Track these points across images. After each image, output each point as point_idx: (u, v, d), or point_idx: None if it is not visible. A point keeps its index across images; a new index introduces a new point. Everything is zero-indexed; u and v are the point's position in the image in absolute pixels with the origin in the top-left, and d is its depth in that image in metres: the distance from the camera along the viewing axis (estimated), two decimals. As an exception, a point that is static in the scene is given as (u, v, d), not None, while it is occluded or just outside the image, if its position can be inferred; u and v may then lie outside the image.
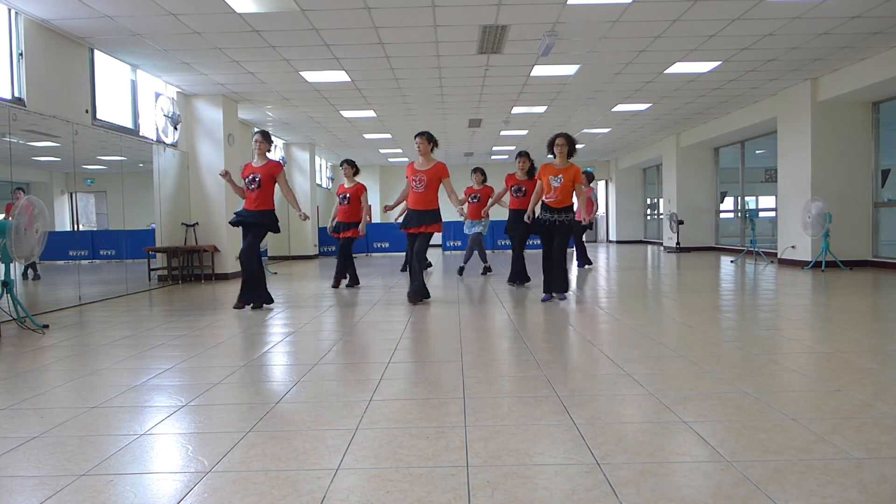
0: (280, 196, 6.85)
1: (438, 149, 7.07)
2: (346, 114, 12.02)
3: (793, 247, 10.49)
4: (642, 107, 11.99)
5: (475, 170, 9.72)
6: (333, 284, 8.32)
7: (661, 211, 18.32)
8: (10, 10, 6.13)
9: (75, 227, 8.83)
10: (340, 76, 9.04)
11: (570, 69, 8.96)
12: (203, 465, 2.26)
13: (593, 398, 3.01)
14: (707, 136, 14.20)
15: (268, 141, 6.38)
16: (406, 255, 9.51)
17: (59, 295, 7.52)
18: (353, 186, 8.31)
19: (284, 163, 15.25)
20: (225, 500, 1.98)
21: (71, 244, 8.75)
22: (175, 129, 9.51)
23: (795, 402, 2.89)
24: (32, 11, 6.26)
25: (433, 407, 2.91)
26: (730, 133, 13.35)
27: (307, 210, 15.39)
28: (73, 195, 8.61)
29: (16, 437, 2.59)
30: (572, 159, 6.49)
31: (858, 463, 2.15)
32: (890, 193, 10.07)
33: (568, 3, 6.26)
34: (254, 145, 6.37)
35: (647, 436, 2.50)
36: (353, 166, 8.42)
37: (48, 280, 8.69)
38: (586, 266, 10.93)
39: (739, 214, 14.77)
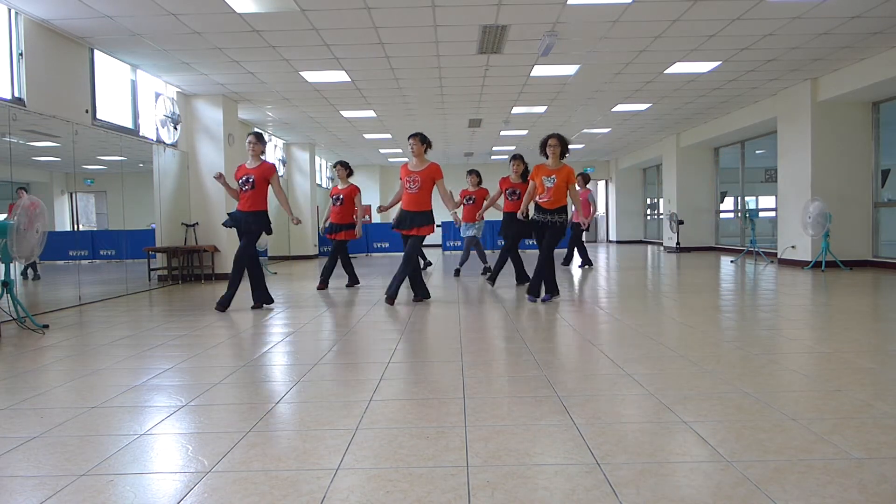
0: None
1: (440, 149, 7.07)
2: (346, 114, 12.02)
3: (793, 247, 10.49)
4: (642, 107, 11.98)
5: (470, 172, 9.75)
6: (319, 286, 8.26)
7: (661, 211, 18.32)
8: (10, 10, 6.14)
9: (75, 227, 8.83)
10: (340, 76, 9.04)
11: (570, 69, 8.96)
12: (203, 465, 2.26)
13: (593, 398, 3.01)
14: (707, 136, 14.20)
15: (261, 143, 6.37)
16: None
17: (59, 295, 7.52)
18: (346, 188, 8.31)
19: (284, 163, 15.26)
20: (225, 500, 1.98)
21: (71, 244, 8.75)
22: (175, 129, 9.51)
23: (795, 402, 2.89)
24: (32, 11, 6.26)
25: (433, 407, 2.91)
26: (730, 133, 13.35)
27: (307, 210, 15.49)
28: (73, 195, 8.61)
29: (16, 437, 2.59)
30: (567, 160, 6.48)
31: (858, 463, 2.15)
32: (890, 193, 10.06)
33: (568, 3, 6.26)
34: (247, 147, 6.36)
35: (647, 436, 2.50)
36: (346, 167, 8.43)
37: (48, 280, 8.69)
38: (587, 266, 10.94)
39: (739, 214, 14.77)
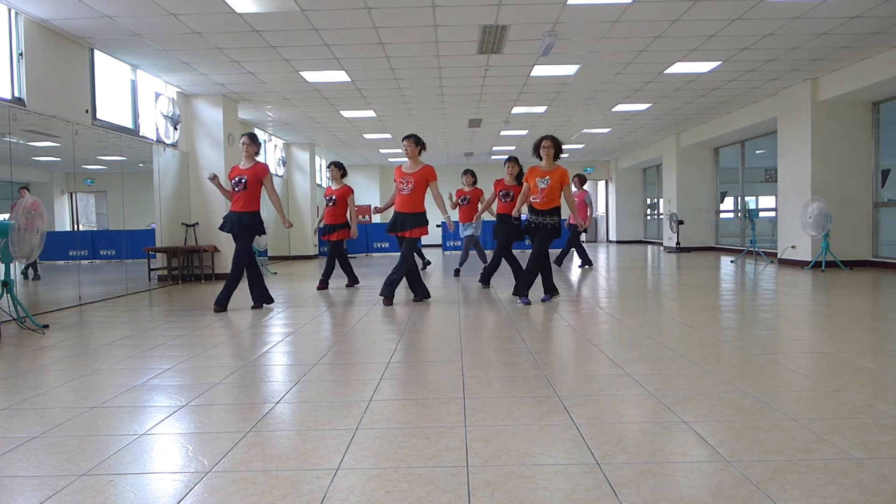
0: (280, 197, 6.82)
1: (440, 149, 7.08)
2: (346, 114, 12.02)
3: (793, 247, 10.49)
4: (642, 107, 11.98)
5: (465, 171, 9.76)
6: (319, 286, 8.27)
7: (661, 211, 18.32)
8: (10, 10, 6.14)
9: (75, 227, 8.83)
10: (340, 76, 9.04)
11: (570, 69, 8.96)
12: (203, 465, 2.26)
13: (593, 398, 3.01)
14: (707, 136, 14.20)
15: (255, 143, 6.34)
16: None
17: (59, 295, 7.52)
18: (339, 188, 8.29)
19: (284, 163, 15.26)
20: (225, 500, 1.98)
21: (71, 244, 8.75)
22: (175, 129, 9.51)
23: (795, 402, 2.89)
24: (32, 11, 6.26)
25: (433, 407, 2.91)
26: (730, 133, 13.35)
27: (307, 210, 15.49)
28: (73, 195, 8.61)
29: (16, 437, 2.59)
30: (568, 160, 6.48)
31: (858, 463, 2.15)
32: (890, 193, 10.06)
33: (568, 3, 6.26)
34: (241, 147, 6.34)
35: (647, 436, 2.50)
36: (340, 168, 8.40)
37: (48, 280, 8.68)
38: (586, 267, 10.94)
39: (740, 214, 14.77)
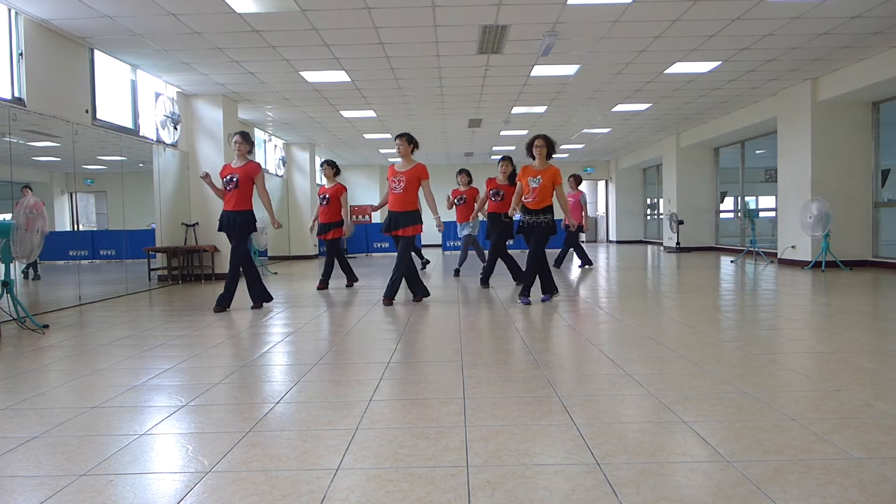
0: (278, 199, 6.81)
1: (440, 149, 7.08)
2: (346, 114, 12.02)
3: (793, 247, 10.49)
4: (642, 107, 11.98)
5: (460, 171, 9.77)
6: (319, 286, 8.27)
7: (661, 211, 18.32)
8: (10, 10, 6.14)
9: (75, 227, 8.83)
10: (340, 76, 9.04)
11: (570, 69, 8.96)
12: (203, 465, 2.26)
13: (593, 398, 3.01)
14: (707, 136, 14.20)
15: (248, 142, 6.33)
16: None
17: (59, 295, 7.51)
18: (332, 187, 8.29)
19: (284, 163, 15.25)
20: (225, 500, 1.98)
21: (71, 244, 8.75)
22: (175, 129, 9.51)
23: (795, 402, 2.89)
24: (32, 11, 6.26)
25: (433, 407, 2.91)
26: (730, 133, 13.35)
27: (307, 210, 15.47)
28: (73, 195, 8.61)
29: (16, 437, 2.59)
30: (568, 160, 6.48)
31: (858, 463, 2.15)
32: (890, 193, 10.06)
33: (568, 3, 6.26)
34: (233, 146, 6.34)
35: (647, 436, 2.50)
36: (333, 167, 8.39)
37: (48, 280, 8.68)
38: (586, 266, 10.94)
39: (740, 214, 14.77)
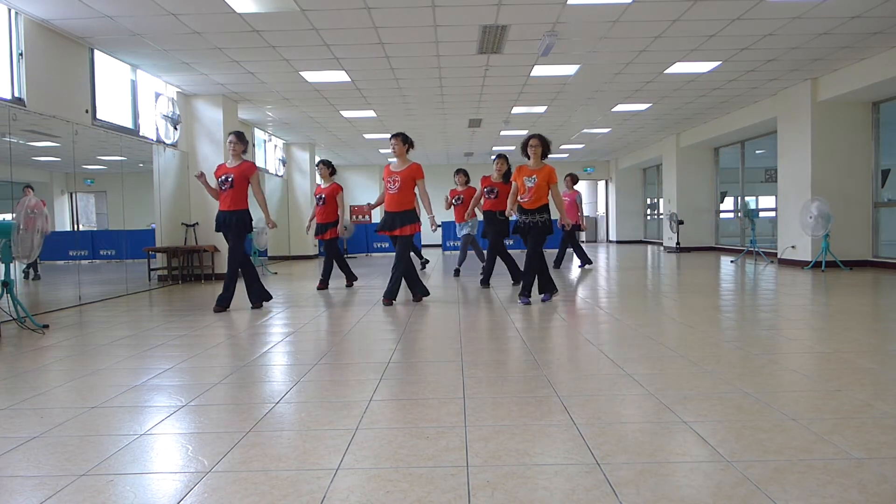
0: (278, 199, 6.81)
1: (440, 149, 7.07)
2: (346, 114, 12.02)
3: (793, 247, 10.49)
4: (642, 107, 11.98)
5: (458, 171, 9.74)
6: (319, 286, 8.27)
7: (661, 211, 18.32)
8: (10, 10, 6.14)
9: (75, 227, 8.83)
10: (340, 76, 9.04)
11: (570, 69, 8.96)
12: (203, 465, 2.26)
13: (593, 398, 3.01)
14: (707, 136, 14.20)
15: (242, 142, 6.31)
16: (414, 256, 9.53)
17: (59, 295, 7.52)
18: (328, 187, 8.28)
19: (284, 163, 15.25)
20: (225, 500, 1.98)
21: (71, 244, 8.75)
22: (175, 129, 9.51)
23: (795, 402, 2.89)
24: (32, 11, 6.26)
25: (433, 407, 2.91)
26: (730, 133, 13.35)
27: (307, 210, 15.46)
28: (73, 195, 8.62)
29: (16, 437, 2.59)
30: (568, 160, 6.48)
31: (858, 463, 2.15)
32: (890, 193, 10.06)
33: (568, 3, 6.26)
34: (228, 146, 6.33)
35: (647, 436, 2.50)
36: (328, 166, 8.38)
37: (48, 280, 8.69)
38: (586, 266, 10.94)
39: (740, 214, 14.77)
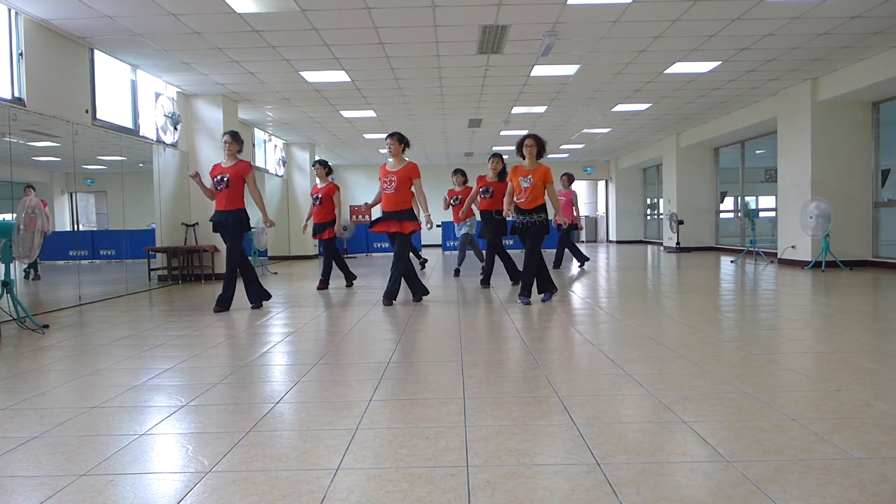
0: (278, 199, 6.82)
1: (440, 149, 7.07)
2: (346, 114, 12.02)
3: (793, 247, 10.49)
4: (642, 107, 11.98)
5: (455, 171, 9.76)
6: (319, 286, 8.28)
7: (661, 211, 18.32)
8: (10, 10, 6.13)
9: (75, 227, 8.84)
10: (340, 76, 9.04)
11: (570, 69, 8.96)
12: (203, 465, 2.26)
13: (593, 398, 3.01)
14: (707, 136, 14.20)
15: (237, 142, 6.31)
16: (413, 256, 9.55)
17: (59, 295, 7.52)
18: (325, 186, 8.29)
19: (284, 163, 15.25)
20: (225, 500, 1.98)
21: (71, 244, 8.76)
22: (175, 129, 9.51)
23: (795, 402, 2.89)
24: (32, 11, 6.26)
25: (433, 407, 2.91)
26: (730, 133, 13.35)
27: (307, 210, 15.47)
28: (73, 195, 8.62)
29: (16, 437, 2.59)
30: (568, 160, 6.48)
31: (858, 463, 2.15)
32: (890, 193, 10.06)
33: (568, 3, 6.26)
34: (223, 146, 6.33)
35: (647, 436, 2.50)
36: (325, 166, 8.39)
37: (48, 280, 8.69)
38: (584, 264, 10.94)
39: (741, 213, 14.77)
